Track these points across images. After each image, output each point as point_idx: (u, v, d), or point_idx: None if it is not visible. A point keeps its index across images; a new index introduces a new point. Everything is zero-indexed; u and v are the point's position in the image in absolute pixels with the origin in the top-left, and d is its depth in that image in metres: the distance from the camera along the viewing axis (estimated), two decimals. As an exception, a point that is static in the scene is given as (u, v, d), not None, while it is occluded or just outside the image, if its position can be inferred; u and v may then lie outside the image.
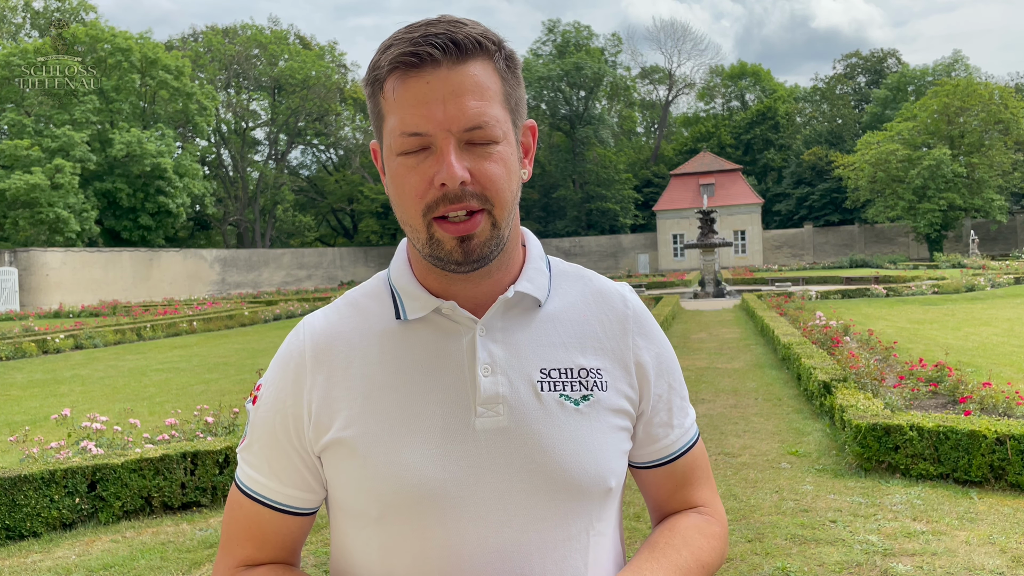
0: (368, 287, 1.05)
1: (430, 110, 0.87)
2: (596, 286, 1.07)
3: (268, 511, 1.00)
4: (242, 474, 1.02)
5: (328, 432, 0.96)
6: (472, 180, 0.89)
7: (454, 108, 0.87)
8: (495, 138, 0.90)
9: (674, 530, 1.04)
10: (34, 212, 38.40)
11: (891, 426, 5.42)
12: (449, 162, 0.87)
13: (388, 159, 0.93)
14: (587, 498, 0.96)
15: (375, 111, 0.95)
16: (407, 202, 0.91)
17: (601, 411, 0.98)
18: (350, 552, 1.00)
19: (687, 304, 22.55)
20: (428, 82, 0.88)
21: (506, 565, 0.92)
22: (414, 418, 0.94)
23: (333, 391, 0.97)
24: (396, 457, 0.93)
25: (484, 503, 0.93)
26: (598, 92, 61.67)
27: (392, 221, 57.40)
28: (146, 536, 4.85)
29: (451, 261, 0.91)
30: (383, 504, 0.93)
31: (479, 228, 0.90)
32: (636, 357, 1.03)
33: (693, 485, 1.10)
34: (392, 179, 0.93)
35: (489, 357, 0.96)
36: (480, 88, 0.89)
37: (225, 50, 57.06)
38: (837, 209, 57.08)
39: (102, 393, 10.87)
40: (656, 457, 1.07)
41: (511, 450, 0.94)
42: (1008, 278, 24.45)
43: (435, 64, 0.88)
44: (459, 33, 0.88)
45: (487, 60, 0.91)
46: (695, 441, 1.10)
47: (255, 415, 1.02)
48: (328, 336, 1.00)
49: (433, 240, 0.91)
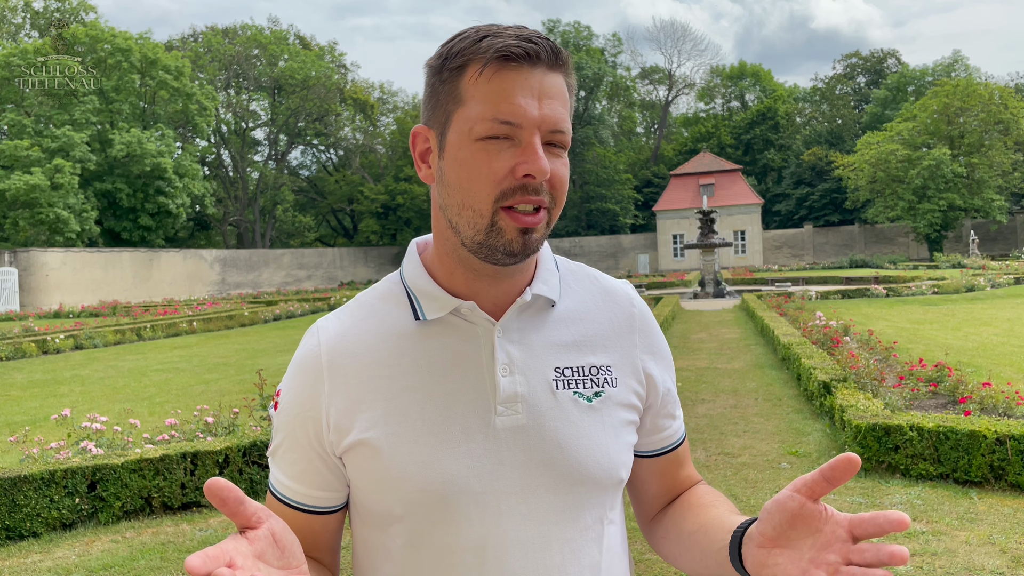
0: (380, 289, 1.07)
1: (527, 104, 0.91)
2: (602, 285, 1.11)
3: (294, 512, 1.03)
4: (273, 478, 1.06)
5: (349, 434, 0.98)
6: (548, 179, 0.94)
7: (547, 108, 0.92)
8: (567, 145, 0.96)
9: (704, 498, 1.13)
10: (34, 212, 38.40)
11: (891, 426, 5.42)
12: (540, 155, 0.91)
13: (460, 143, 0.94)
14: (601, 490, 1.01)
15: (451, 94, 0.95)
16: (479, 186, 0.93)
17: (612, 407, 1.02)
18: (374, 549, 1.02)
19: (687, 304, 22.55)
20: (527, 78, 0.92)
21: (528, 557, 0.96)
22: (436, 418, 0.97)
23: (352, 393, 0.99)
24: (421, 456, 0.96)
25: (506, 498, 0.96)
26: (598, 92, 61.66)
27: (392, 221, 57.41)
28: (146, 536, 4.85)
29: (507, 252, 0.94)
30: (408, 502, 0.96)
31: (541, 224, 0.94)
32: (642, 354, 1.08)
33: (686, 465, 1.19)
34: (463, 163, 0.94)
35: (507, 358, 0.99)
36: (564, 97, 0.95)
37: (225, 50, 57.07)
38: (837, 209, 57.08)
39: (102, 393, 10.86)
40: (661, 446, 1.13)
41: (530, 447, 0.97)
42: (1008, 278, 24.46)
43: (537, 63, 0.92)
44: (555, 44, 0.95)
45: (568, 76, 0.97)
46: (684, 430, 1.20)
47: (277, 420, 1.05)
48: (343, 339, 1.02)
49: (495, 228, 0.93)
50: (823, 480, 0.79)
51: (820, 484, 0.79)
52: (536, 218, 0.93)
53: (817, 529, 0.80)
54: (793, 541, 0.82)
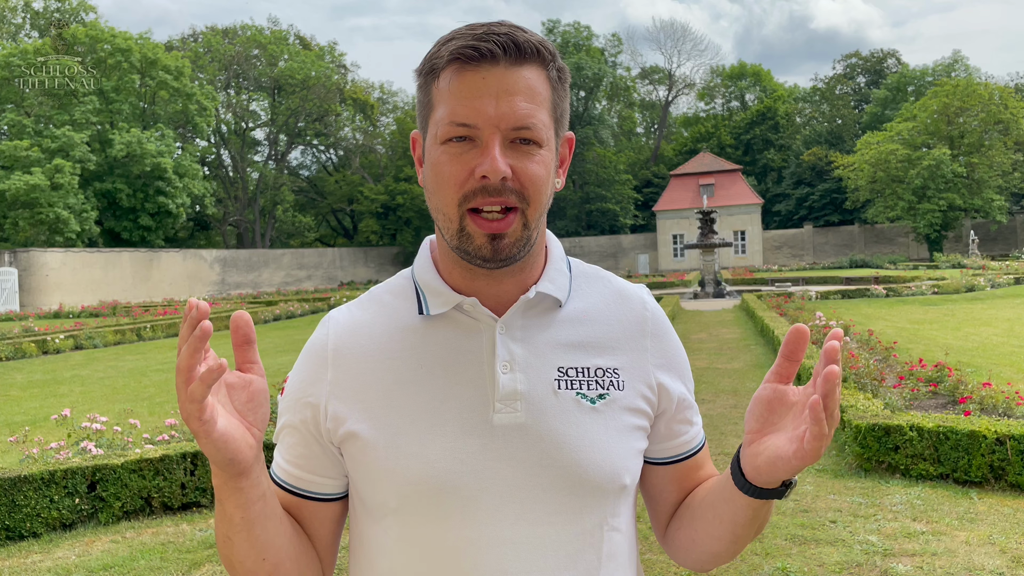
0: (392, 284, 1.08)
1: (482, 104, 0.90)
2: (616, 287, 1.10)
3: (287, 495, 1.03)
4: (274, 463, 1.06)
5: (346, 423, 0.99)
6: (512, 177, 0.91)
7: (506, 106, 0.90)
8: (539, 141, 0.93)
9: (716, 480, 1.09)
10: (34, 212, 38.39)
11: (891, 426, 5.42)
12: (493, 156, 0.90)
13: (431, 147, 0.96)
14: (601, 495, 0.98)
15: (424, 100, 0.98)
16: (444, 190, 0.93)
17: (617, 410, 1.00)
18: (368, 542, 1.02)
19: (687, 304, 22.54)
20: (484, 77, 0.91)
21: (520, 558, 0.95)
22: (433, 412, 0.97)
23: (353, 384, 1.00)
24: (415, 450, 0.95)
25: (500, 497, 0.95)
26: (598, 92, 61.67)
27: (392, 222, 57.40)
28: (146, 536, 4.85)
29: (479, 256, 0.94)
30: (401, 496, 0.96)
31: (511, 228, 0.93)
32: (654, 359, 1.06)
33: (706, 468, 1.15)
34: (432, 167, 0.95)
35: (508, 355, 0.98)
36: (532, 92, 0.92)
37: (225, 50, 57.06)
38: (837, 209, 57.08)
39: (102, 393, 10.86)
40: (677, 452, 1.10)
41: (528, 446, 0.96)
42: (1008, 278, 24.45)
43: (494, 61, 0.91)
44: (520, 37, 0.92)
45: (541, 67, 0.94)
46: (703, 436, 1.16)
47: (282, 405, 1.06)
48: (351, 330, 1.03)
49: (464, 233, 0.93)
50: (785, 360, 0.90)
51: (784, 365, 0.90)
52: (504, 223, 0.92)
53: (791, 404, 0.90)
54: (776, 424, 0.91)
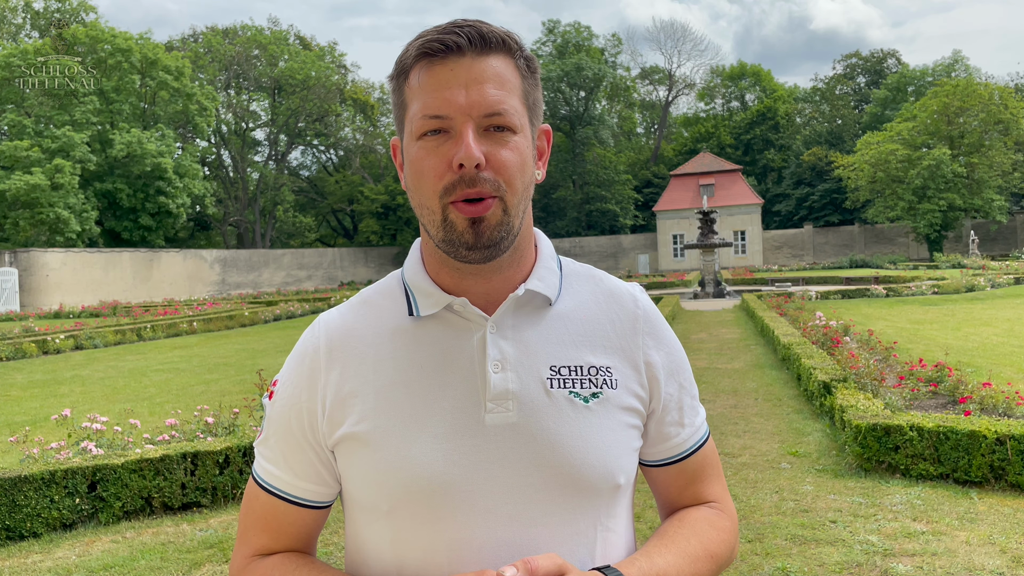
0: (382, 285, 1.08)
1: (452, 94, 0.91)
2: (607, 286, 1.09)
3: (283, 503, 1.03)
4: (259, 467, 1.05)
5: (342, 427, 0.98)
6: (487, 165, 0.91)
7: (475, 94, 0.91)
8: (512, 127, 0.93)
9: (683, 521, 1.06)
10: (34, 213, 38.39)
11: (891, 426, 5.42)
12: (467, 143, 0.90)
13: (408, 145, 0.96)
14: (595, 494, 0.98)
15: (399, 102, 0.98)
16: (425, 183, 0.93)
17: (611, 409, 0.99)
18: (363, 544, 1.02)
19: (687, 304, 22.54)
20: (452, 69, 0.92)
21: (514, 558, 0.94)
22: (425, 413, 0.96)
23: (346, 386, 0.99)
24: (407, 451, 0.95)
25: (493, 497, 0.94)
26: (598, 92, 61.64)
27: (392, 222, 57.39)
28: (146, 536, 4.85)
29: (462, 244, 0.93)
30: (394, 497, 0.95)
31: (490, 211, 0.92)
32: (646, 356, 1.05)
33: (703, 482, 1.12)
34: (411, 163, 0.95)
35: (499, 354, 0.97)
36: (501, 79, 0.93)
37: (225, 51, 57.04)
38: (837, 209, 57.06)
39: (102, 393, 10.86)
40: (667, 455, 1.09)
41: (520, 445, 0.95)
42: (1008, 278, 24.45)
43: (460, 53, 0.92)
44: (485, 28, 0.93)
45: (509, 57, 0.95)
46: (705, 439, 1.12)
47: (271, 410, 1.04)
48: (342, 333, 1.02)
49: (447, 222, 0.93)
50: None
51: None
52: (483, 205, 0.91)
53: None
54: None
